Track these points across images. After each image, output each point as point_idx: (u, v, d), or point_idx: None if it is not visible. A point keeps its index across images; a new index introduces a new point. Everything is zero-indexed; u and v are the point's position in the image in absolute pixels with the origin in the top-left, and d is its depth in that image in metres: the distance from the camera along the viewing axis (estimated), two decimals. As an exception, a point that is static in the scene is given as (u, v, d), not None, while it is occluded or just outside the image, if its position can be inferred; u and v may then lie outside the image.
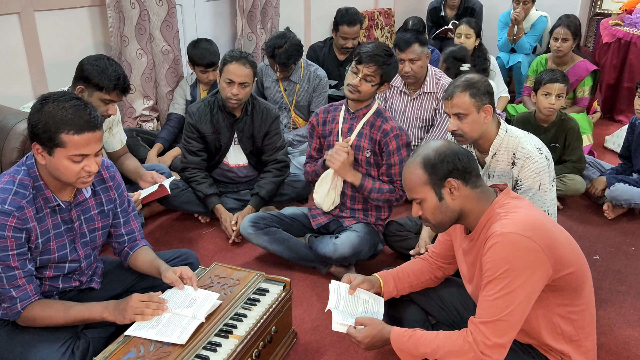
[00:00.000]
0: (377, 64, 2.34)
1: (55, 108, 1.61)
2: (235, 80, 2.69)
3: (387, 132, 2.40)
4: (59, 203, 1.74)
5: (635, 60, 4.49)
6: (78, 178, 1.68)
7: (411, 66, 3.11)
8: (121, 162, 2.81)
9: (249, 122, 2.88)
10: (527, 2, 4.67)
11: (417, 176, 1.64)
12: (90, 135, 1.64)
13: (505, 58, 4.81)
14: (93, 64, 2.38)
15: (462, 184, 1.63)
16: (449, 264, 1.97)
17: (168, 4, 3.47)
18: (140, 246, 2.02)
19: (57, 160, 1.64)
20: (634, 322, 2.24)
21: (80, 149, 1.63)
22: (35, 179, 1.71)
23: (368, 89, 2.38)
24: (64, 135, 1.60)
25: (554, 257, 1.53)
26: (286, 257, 2.57)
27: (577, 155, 3.16)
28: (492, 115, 2.17)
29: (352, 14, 3.97)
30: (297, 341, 2.11)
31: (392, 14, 5.83)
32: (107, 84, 2.37)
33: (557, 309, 1.62)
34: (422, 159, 1.64)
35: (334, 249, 2.41)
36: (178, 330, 1.67)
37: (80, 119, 1.62)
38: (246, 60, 2.71)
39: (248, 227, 2.58)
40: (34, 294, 1.73)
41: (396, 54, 3.09)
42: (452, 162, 1.61)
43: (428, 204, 1.65)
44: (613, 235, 2.92)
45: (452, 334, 1.60)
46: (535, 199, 2.13)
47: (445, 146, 1.65)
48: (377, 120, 2.44)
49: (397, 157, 2.43)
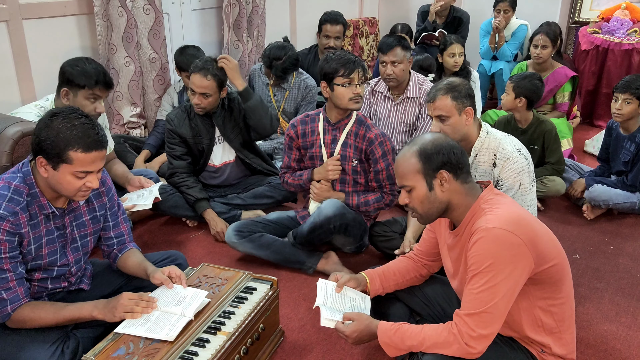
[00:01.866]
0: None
1: (65, 125, 1.65)
2: (197, 91, 2.76)
3: (372, 140, 2.47)
4: (53, 210, 1.78)
5: (613, 67, 4.61)
6: (78, 192, 1.72)
7: (393, 69, 3.17)
8: (109, 167, 2.84)
9: (228, 115, 2.94)
10: (507, 11, 4.78)
11: (411, 164, 1.68)
12: (96, 153, 1.69)
13: (487, 65, 4.91)
14: (72, 65, 2.45)
15: (453, 177, 1.67)
16: (434, 261, 2.01)
17: (155, 12, 3.52)
18: (129, 248, 2.04)
19: (60, 175, 1.68)
20: (611, 317, 2.30)
21: (85, 166, 1.68)
22: (31, 186, 1.74)
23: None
24: (71, 152, 1.64)
25: (536, 251, 1.58)
26: (273, 261, 2.61)
27: (557, 156, 3.25)
28: (473, 117, 2.23)
29: (335, 14, 4.06)
30: (284, 339, 2.14)
31: (377, 22, 5.92)
32: (88, 81, 2.42)
33: (539, 302, 1.66)
34: (418, 148, 1.68)
35: (318, 212, 2.47)
36: (167, 327, 1.70)
37: (89, 137, 1.66)
38: (207, 71, 2.74)
39: (232, 236, 2.62)
40: (24, 297, 1.75)
41: (380, 57, 3.19)
42: (447, 155, 1.66)
43: (417, 192, 1.69)
44: (592, 235, 2.99)
45: (437, 327, 1.64)
46: (516, 198, 2.18)
47: (442, 139, 1.71)
48: (360, 129, 2.50)
49: (384, 163, 2.50)
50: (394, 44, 3.16)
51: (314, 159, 2.61)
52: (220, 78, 2.79)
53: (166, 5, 3.78)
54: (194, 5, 4.06)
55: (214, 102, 2.82)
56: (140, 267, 1.97)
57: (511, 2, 4.78)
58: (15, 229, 1.68)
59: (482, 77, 4.76)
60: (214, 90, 2.78)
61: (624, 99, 3.05)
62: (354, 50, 5.45)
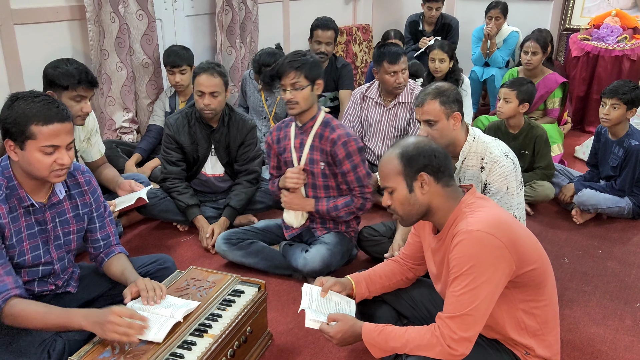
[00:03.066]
0: (293, 69, 2.36)
1: (24, 103, 1.67)
2: (205, 91, 2.75)
3: (334, 141, 2.42)
4: (32, 203, 1.77)
5: (603, 73, 4.65)
6: (51, 171, 1.71)
7: (403, 76, 3.20)
8: (100, 171, 2.84)
9: (226, 132, 2.94)
10: (499, 18, 4.83)
11: (392, 165, 1.70)
12: (59, 125, 1.69)
13: (479, 72, 4.95)
14: (54, 66, 2.46)
15: (434, 180, 1.68)
16: (419, 265, 2.02)
17: (148, 18, 3.54)
18: (115, 253, 2.04)
19: (29, 154, 1.68)
20: (598, 320, 2.32)
21: (50, 139, 1.68)
22: (10, 179, 1.74)
23: (303, 95, 2.39)
24: (33, 126, 1.66)
25: (517, 254, 1.59)
26: (263, 268, 2.61)
27: (546, 161, 3.27)
28: (461, 122, 2.25)
29: (326, 19, 4.08)
30: (272, 342, 2.14)
31: (370, 29, 5.97)
32: (71, 81, 2.43)
33: (521, 304, 1.67)
34: (400, 151, 1.70)
35: (304, 264, 2.45)
36: (155, 328, 1.70)
37: (49, 110, 1.68)
38: (214, 70, 2.76)
39: (222, 244, 2.63)
40: (13, 287, 1.71)
41: (385, 67, 3.16)
42: (428, 158, 1.67)
43: (398, 194, 1.71)
44: (581, 239, 3.01)
45: (420, 329, 1.65)
46: (503, 202, 2.20)
47: (425, 142, 1.73)
48: (325, 130, 2.46)
49: (349, 164, 2.44)
50: (400, 52, 3.18)
51: (287, 164, 2.60)
52: (225, 76, 2.82)
53: (159, 11, 3.80)
54: (187, 11, 4.08)
55: (222, 101, 2.82)
56: (122, 276, 1.95)
57: (502, 9, 4.83)
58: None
59: (474, 83, 4.80)
60: (222, 89, 2.79)
61: (611, 104, 3.08)
62: (347, 56, 5.49)
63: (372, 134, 3.42)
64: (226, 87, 2.83)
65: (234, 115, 2.96)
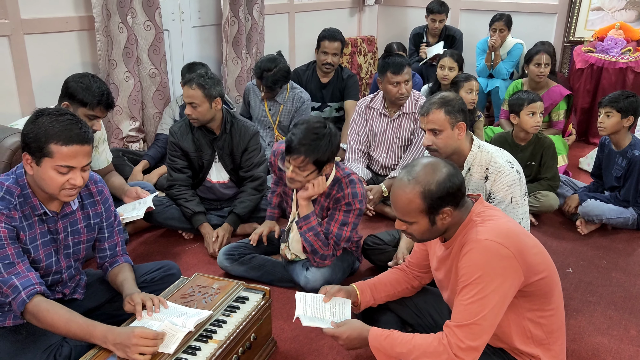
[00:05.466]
0: (302, 154, 2.19)
1: (48, 120, 1.68)
2: (187, 101, 2.80)
3: (339, 200, 2.35)
4: (45, 211, 1.79)
5: (608, 85, 4.65)
6: (62, 190, 1.72)
7: (406, 87, 3.21)
8: (107, 179, 2.86)
9: (228, 139, 2.96)
10: (503, 30, 4.86)
11: (415, 204, 1.64)
12: (78, 148, 1.69)
13: (483, 83, 4.97)
14: (77, 81, 2.48)
15: (454, 208, 1.67)
16: (425, 273, 2.02)
17: (155, 29, 3.58)
18: (119, 263, 2.04)
19: (43, 171, 1.69)
20: (603, 330, 2.31)
21: (66, 160, 1.68)
22: (23, 187, 1.76)
23: (307, 178, 2.27)
24: (52, 145, 1.66)
25: (526, 264, 1.59)
26: (266, 282, 2.59)
27: (552, 172, 3.27)
28: (466, 132, 2.27)
29: (333, 31, 4.11)
30: (276, 349, 2.15)
31: (375, 41, 6.01)
32: (91, 100, 2.45)
33: (528, 313, 1.68)
34: (422, 190, 1.62)
35: (306, 282, 2.45)
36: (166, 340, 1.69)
37: (71, 131, 1.68)
38: (193, 82, 2.76)
39: (223, 260, 2.63)
40: (37, 282, 1.71)
41: (389, 77, 3.18)
42: (451, 192, 1.63)
43: (419, 226, 1.68)
44: (586, 250, 3.01)
45: (427, 336, 1.65)
46: (508, 211, 2.20)
47: (442, 174, 1.64)
48: (332, 189, 2.38)
49: (342, 217, 2.36)
50: (404, 63, 3.19)
51: (286, 195, 2.58)
52: (206, 88, 2.76)
53: (166, 22, 3.85)
54: (194, 22, 4.13)
55: (205, 112, 2.80)
56: (120, 288, 1.95)
57: (506, 21, 4.86)
58: (11, 222, 1.70)
59: (479, 94, 4.81)
60: (200, 100, 2.76)
61: (605, 113, 3.12)
62: (351, 68, 5.52)
63: (377, 144, 3.43)
64: (210, 98, 2.78)
65: (236, 122, 2.98)
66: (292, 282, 2.57)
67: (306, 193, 2.32)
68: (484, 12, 5.46)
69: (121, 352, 1.63)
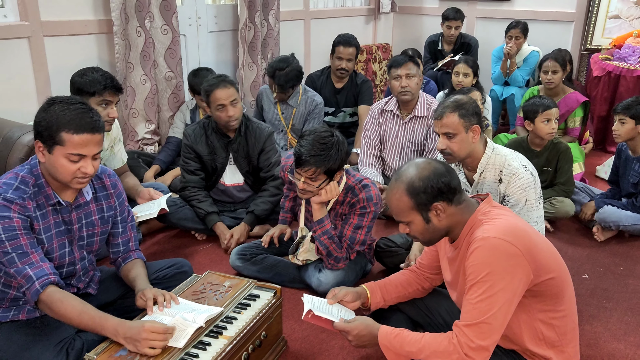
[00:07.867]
0: (312, 165, 2.20)
1: (60, 109, 1.70)
2: (226, 103, 2.79)
3: (354, 204, 2.37)
4: (59, 200, 1.81)
5: (625, 93, 4.60)
6: (73, 178, 1.74)
7: (408, 82, 3.20)
8: (121, 179, 2.88)
9: (243, 142, 2.98)
10: (519, 38, 4.84)
11: (403, 203, 1.67)
12: (89, 136, 1.71)
13: (499, 90, 4.95)
14: (81, 75, 2.55)
15: (448, 204, 1.67)
16: (436, 274, 2.01)
17: (172, 33, 3.63)
18: (132, 259, 2.06)
19: (55, 158, 1.71)
20: (619, 335, 2.27)
21: (77, 148, 1.70)
22: (38, 177, 1.78)
23: (317, 189, 2.28)
24: (64, 133, 1.68)
25: (535, 262, 1.57)
26: (278, 283, 2.57)
27: (566, 177, 3.23)
28: (480, 135, 2.25)
29: (348, 36, 4.13)
30: (287, 349, 2.14)
31: (390, 48, 6.02)
32: (97, 87, 2.51)
33: (539, 314, 1.65)
34: (406, 186, 1.65)
35: (318, 284, 2.45)
36: (176, 334, 1.69)
37: (82, 120, 1.70)
38: (225, 81, 2.82)
39: (236, 260, 2.63)
40: (50, 272, 1.72)
41: (392, 73, 3.21)
42: (436, 187, 1.63)
43: (416, 226, 1.70)
44: (602, 257, 2.96)
45: (437, 336, 1.64)
46: (522, 214, 2.18)
47: (427, 170, 1.66)
48: (346, 196, 2.38)
49: (357, 221, 2.37)
50: (406, 59, 3.23)
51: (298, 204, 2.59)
52: (235, 84, 2.86)
53: (183, 27, 3.90)
54: (211, 27, 4.18)
55: (241, 108, 2.88)
56: (132, 284, 1.96)
57: (522, 29, 4.84)
58: (24, 212, 1.72)
59: (494, 102, 4.80)
60: (238, 96, 2.84)
61: (619, 120, 3.11)
62: (366, 75, 5.54)
63: (390, 147, 3.43)
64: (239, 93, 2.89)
65: (250, 125, 3.00)
66: (303, 284, 2.57)
67: (319, 198, 2.33)
68: (500, 20, 5.45)
69: (131, 345, 1.64)
